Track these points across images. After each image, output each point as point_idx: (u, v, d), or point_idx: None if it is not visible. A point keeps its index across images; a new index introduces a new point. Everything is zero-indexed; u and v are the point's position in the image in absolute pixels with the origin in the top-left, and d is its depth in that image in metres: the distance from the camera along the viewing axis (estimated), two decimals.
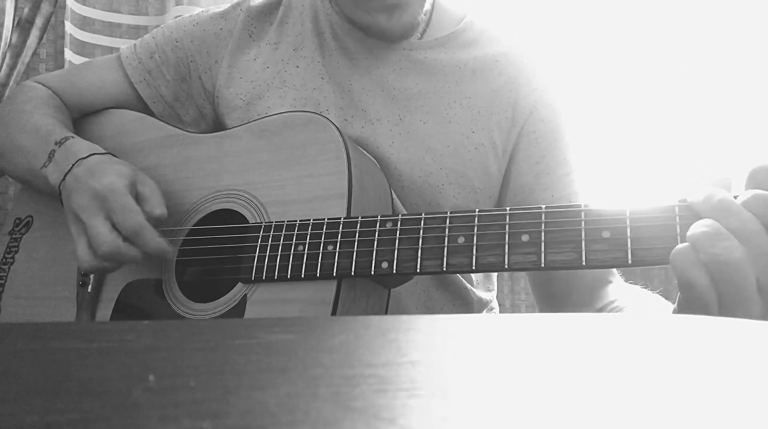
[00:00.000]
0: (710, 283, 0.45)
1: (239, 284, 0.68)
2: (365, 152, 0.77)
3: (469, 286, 0.86)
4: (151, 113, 0.89)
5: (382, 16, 0.75)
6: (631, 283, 0.79)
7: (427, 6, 0.80)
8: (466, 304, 0.85)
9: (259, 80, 0.84)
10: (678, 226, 0.51)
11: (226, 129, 0.83)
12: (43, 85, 0.91)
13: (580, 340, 0.28)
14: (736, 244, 0.45)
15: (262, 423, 0.17)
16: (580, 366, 0.24)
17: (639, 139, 1.66)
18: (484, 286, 0.91)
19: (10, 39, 1.31)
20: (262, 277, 0.66)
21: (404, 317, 0.64)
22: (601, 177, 1.56)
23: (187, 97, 0.90)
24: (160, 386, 0.20)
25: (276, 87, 0.83)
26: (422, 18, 0.81)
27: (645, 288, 0.73)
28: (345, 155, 0.68)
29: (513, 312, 1.66)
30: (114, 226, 0.68)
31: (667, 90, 1.65)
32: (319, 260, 0.64)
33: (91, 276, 0.77)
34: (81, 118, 0.91)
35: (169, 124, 0.86)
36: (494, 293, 0.93)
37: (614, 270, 0.81)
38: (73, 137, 0.78)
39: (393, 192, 0.76)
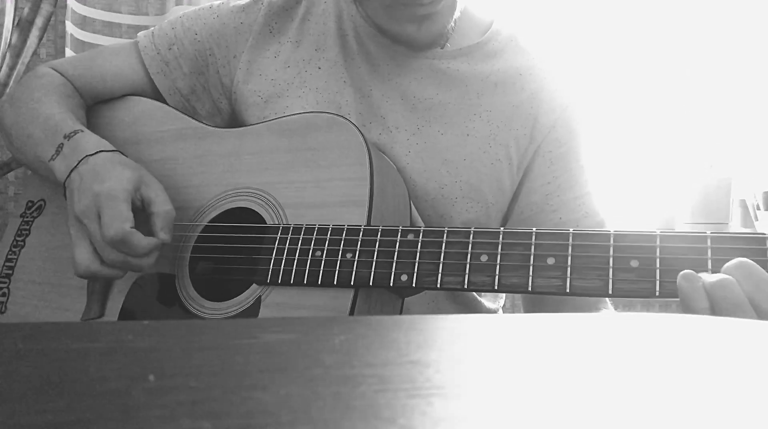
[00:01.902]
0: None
1: (254, 285, 0.67)
2: (386, 158, 0.75)
3: (478, 297, 0.85)
4: (165, 103, 0.88)
5: (412, 26, 0.73)
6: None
7: (456, 14, 0.78)
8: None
9: (279, 79, 0.82)
10: (709, 261, 0.50)
11: (243, 124, 0.81)
12: (57, 71, 0.89)
13: (580, 339, 0.28)
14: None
15: (262, 423, 0.17)
16: (581, 366, 0.24)
17: (640, 140, 1.66)
18: (493, 295, 0.90)
19: (10, 39, 1.31)
20: (277, 280, 0.65)
21: (404, 317, 0.64)
22: (605, 180, 1.57)
23: (203, 90, 0.88)
24: (160, 386, 0.20)
25: (296, 87, 0.82)
26: (451, 26, 0.79)
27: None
28: (368, 161, 0.66)
29: (513, 312, 1.66)
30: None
31: (668, 91, 1.65)
32: (337, 268, 0.63)
33: None
34: (98, 104, 0.89)
35: (189, 115, 0.84)
36: (503, 301, 0.92)
37: (607, 298, 0.80)
38: (82, 131, 0.76)
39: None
